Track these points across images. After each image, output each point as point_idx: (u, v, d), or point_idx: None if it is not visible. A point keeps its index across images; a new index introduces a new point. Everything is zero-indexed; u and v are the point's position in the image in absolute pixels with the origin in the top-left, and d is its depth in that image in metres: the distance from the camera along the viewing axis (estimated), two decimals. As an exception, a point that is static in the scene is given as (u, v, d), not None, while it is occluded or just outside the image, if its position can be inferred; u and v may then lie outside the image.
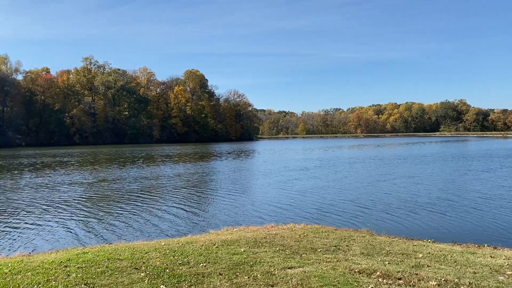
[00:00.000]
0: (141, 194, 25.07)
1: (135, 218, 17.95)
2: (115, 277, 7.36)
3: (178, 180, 32.03)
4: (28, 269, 8.23)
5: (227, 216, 18.19)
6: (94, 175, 36.55)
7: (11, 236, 14.94)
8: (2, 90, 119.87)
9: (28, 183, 30.67)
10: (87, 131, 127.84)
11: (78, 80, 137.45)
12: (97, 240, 14.20)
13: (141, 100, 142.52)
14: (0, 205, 21.49)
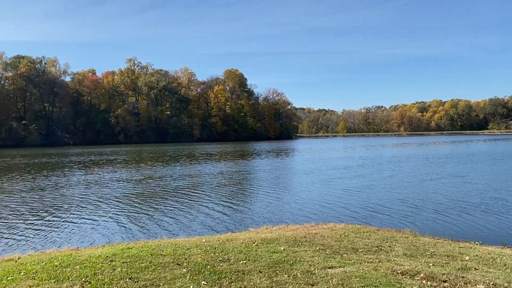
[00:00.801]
0: (183, 191, 25.58)
1: (177, 214, 18.34)
2: (158, 272, 7.57)
3: (219, 178, 32.43)
4: (76, 263, 8.61)
5: (267, 215, 18.23)
6: (139, 172, 37.67)
7: (61, 231, 15.67)
8: (51, 92, 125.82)
9: (78, 180, 32.02)
10: (131, 130, 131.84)
11: (123, 81, 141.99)
12: (140, 235, 14.62)
13: (182, 100, 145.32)
14: (53, 201, 22.58)
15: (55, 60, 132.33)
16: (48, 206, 20.81)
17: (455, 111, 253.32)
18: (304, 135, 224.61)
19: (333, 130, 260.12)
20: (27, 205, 21.25)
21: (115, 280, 7.11)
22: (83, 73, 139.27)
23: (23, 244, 13.77)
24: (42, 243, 13.85)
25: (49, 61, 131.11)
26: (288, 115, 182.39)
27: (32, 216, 18.37)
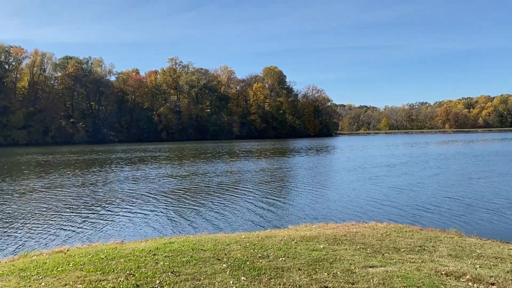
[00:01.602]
0: (223, 188, 25.91)
1: (217, 210, 18.60)
2: (199, 267, 7.72)
3: (258, 175, 32.58)
4: (121, 256, 8.93)
5: (306, 212, 18.14)
6: (181, 169, 38.48)
7: (107, 225, 16.29)
8: (97, 91, 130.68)
9: (124, 176, 33.08)
10: (173, 128, 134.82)
11: (165, 80, 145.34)
12: (182, 230, 14.96)
13: (222, 98, 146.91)
14: (100, 196, 23.49)
15: (100, 60, 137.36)
16: (96, 201, 21.68)
17: (505, 107, 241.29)
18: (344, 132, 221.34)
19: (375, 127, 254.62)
20: (77, 199, 22.23)
21: (157, 274, 7.32)
22: (127, 72, 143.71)
23: (72, 236, 14.43)
24: (89, 236, 14.46)
25: (95, 61, 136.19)
26: (328, 112, 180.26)
27: (81, 210, 19.20)
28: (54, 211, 19.06)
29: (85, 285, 6.83)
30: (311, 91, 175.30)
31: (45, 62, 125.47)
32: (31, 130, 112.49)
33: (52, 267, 8.28)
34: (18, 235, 14.67)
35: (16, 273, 8.02)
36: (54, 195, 23.65)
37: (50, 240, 14.04)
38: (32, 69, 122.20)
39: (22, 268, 8.39)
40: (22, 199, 22.50)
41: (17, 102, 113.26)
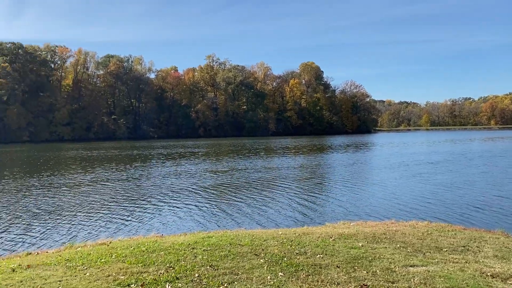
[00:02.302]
0: (260, 184, 26.01)
1: (254, 206, 18.69)
2: (237, 261, 7.79)
3: (295, 172, 32.46)
4: (161, 249, 9.14)
5: (344, 210, 17.91)
6: (220, 164, 38.93)
7: (148, 218, 16.72)
8: (138, 88, 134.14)
9: (166, 171, 33.82)
10: (210, 125, 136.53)
11: (202, 77, 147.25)
12: (219, 225, 15.15)
13: (258, 94, 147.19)
14: (142, 190, 24.15)
15: (140, 58, 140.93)
16: (138, 195, 22.29)
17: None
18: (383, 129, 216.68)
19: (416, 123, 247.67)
20: (120, 193, 22.95)
21: (196, 267, 7.45)
22: (166, 70, 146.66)
23: (115, 229, 14.91)
24: (131, 229, 14.89)
25: (136, 59, 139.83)
26: (367, 108, 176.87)
27: (123, 204, 19.81)
28: (99, 204, 19.76)
29: (127, 276, 7.04)
30: (349, 86, 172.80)
31: (88, 60, 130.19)
32: (75, 127, 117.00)
33: (96, 258, 8.60)
34: (65, 227, 15.31)
35: (63, 263, 8.38)
36: (99, 189, 24.52)
37: (94, 232, 14.57)
38: (76, 68, 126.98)
39: (68, 259, 8.76)
40: (70, 192, 23.47)
41: (62, 100, 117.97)
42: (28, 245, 12.99)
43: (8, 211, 18.20)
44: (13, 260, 9.57)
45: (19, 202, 20.27)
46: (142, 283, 6.62)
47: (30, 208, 18.90)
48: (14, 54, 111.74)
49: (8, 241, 13.52)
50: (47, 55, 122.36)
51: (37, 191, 23.87)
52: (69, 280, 7.04)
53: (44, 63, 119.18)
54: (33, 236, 14.10)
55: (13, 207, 19.18)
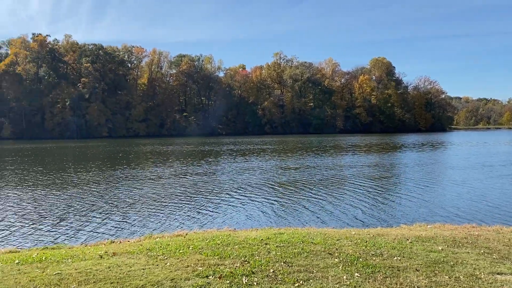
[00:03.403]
0: (330, 182, 25.68)
1: (324, 204, 18.50)
2: (311, 259, 7.76)
3: (366, 170, 31.63)
4: (235, 243, 9.36)
5: (418, 211, 17.16)
6: (289, 162, 38.98)
7: (222, 212, 17.19)
8: (207, 86, 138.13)
9: (237, 167, 34.53)
10: (276, 122, 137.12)
11: (269, 75, 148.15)
12: (289, 222, 15.17)
13: (326, 91, 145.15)
14: (215, 184, 24.89)
15: (210, 58, 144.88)
16: (210, 189, 22.99)
17: None
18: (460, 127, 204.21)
19: (496, 121, 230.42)
20: (194, 187, 23.81)
21: (271, 263, 7.53)
22: (235, 68, 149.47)
23: (189, 221, 15.50)
24: (205, 222, 15.41)
25: (206, 58, 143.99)
26: (442, 105, 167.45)
27: (197, 197, 20.53)
28: (174, 197, 20.66)
29: (205, 268, 7.30)
30: (422, 82, 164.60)
31: (162, 60, 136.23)
32: (150, 123, 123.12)
33: (175, 249, 9.00)
34: (143, 218, 16.19)
35: (144, 252, 8.88)
36: (174, 183, 25.63)
37: (170, 223, 15.27)
38: (151, 67, 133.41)
39: (149, 248, 9.26)
40: (148, 185, 24.78)
41: (138, 98, 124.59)
42: (111, 233, 13.90)
43: (92, 202, 19.60)
44: (99, 247, 10.30)
45: (102, 194, 21.75)
46: (219, 275, 6.82)
47: (112, 199, 20.21)
48: (95, 55, 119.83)
49: (93, 230, 14.56)
50: (125, 56, 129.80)
51: (118, 183, 25.47)
52: (151, 268, 7.44)
53: (121, 63, 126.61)
54: (114, 226, 15.07)
55: (96, 198, 20.63)
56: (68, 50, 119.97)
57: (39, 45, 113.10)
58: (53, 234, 13.96)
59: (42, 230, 14.53)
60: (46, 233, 14.10)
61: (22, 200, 19.93)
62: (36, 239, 13.45)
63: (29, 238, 13.61)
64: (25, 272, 7.59)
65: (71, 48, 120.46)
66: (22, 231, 14.37)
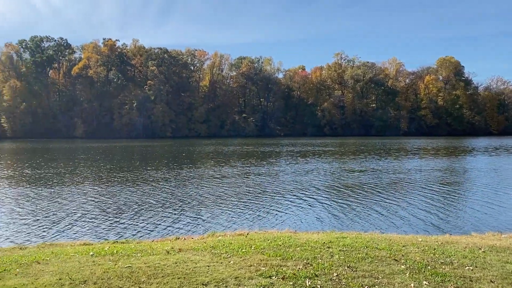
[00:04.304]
0: (394, 186, 24.85)
1: (387, 209, 17.93)
2: (375, 265, 7.56)
3: (434, 175, 30.23)
4: (297, 245, 9.34)
5: (489, 220, 16.12)
6: (351, 164, 38.22)
7: (280, 213, 17.21)
8: (266, 88, 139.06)
9: (298, 168, 34.48)
10: (336, 123, 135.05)
11: (329, 75, 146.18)
12: (350, 226, 14.88)
13: (389, 92, 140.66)
14: (274, 185, 25.01)
15: (270, 59, 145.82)
16: (271, 190, 23.09)
17: None
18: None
19: None
20: (254, 187, 24.04)
21: (334, 266, 7.43)
22: (294, 69, 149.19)
23: (249, 221, 15.67)
24: (265, 222, 15.50)
25: (265, 60, 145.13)
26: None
27: (257, 198, 20.70)
28: (235, 196, 21.00)
29: (268, 268, 7.35)
30: (495, 82, 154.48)
31: (223, 62, 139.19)
32: (210, 124, 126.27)
33: (237, 248, 9.16)
34: (206, 216, 16.62)
35: (208, 250, 9.12)
36: (236, 182, 26.05)
37: (231, 222, 15.55)
38: (212, 70, 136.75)
39: (212, 246, 9.50)
40: (210, 183, 25.40)
41: (200, 99, 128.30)
42: (175, 230, 14.41)
43: (158, 199, 20.44)
44: (166, 243, 10.73)
45: (167, 192, 22.61)
46: (282, 276, 6.84)
47: (176, 197, 20.95)
48: (161, 58, 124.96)
49: (159, 226, 15.18)
50: (188, 59, 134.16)
51: (182, 182, 26.36)
52: (216, 266, 7.62)
53: (185, 65, 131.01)
54: (179, 222, 15.60)
55: (162, 196, 21.47)
56: (136, 54, 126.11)
57: (109, 49, 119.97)
58: (122, 229, 14.73)
59: (112, 224, 15.38)
60: (115, 228, 14.92)
61: (94, 196, 21.22)
62: (106, 233, 14.27)
63: (100, 231, 14.46)
64: (99, 263, 8.08)
65: (138, 52, 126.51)
66: (93, 225, 15.30)
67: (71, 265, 7.97)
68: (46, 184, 25.39)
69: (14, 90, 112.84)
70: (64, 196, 21.15)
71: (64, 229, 14.73)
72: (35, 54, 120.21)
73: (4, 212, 17.53)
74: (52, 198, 20.47)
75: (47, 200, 19.95)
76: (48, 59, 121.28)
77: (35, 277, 7.21)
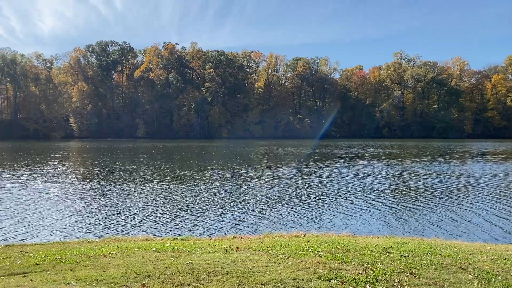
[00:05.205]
0: (458, 190, 23.60)
1: (451, 215, 17.05)
2: (440, 272, 7.24)
3: (502, 180, 28.39)
4: (355, 249, 9.16)
5: None
6: (411, 167, 36.84)
7: (337, 216, 16.89)
8: (322, 88, 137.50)
9: (356, 170, 33.79)
10: (395, 125, 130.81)
11: (389, 75, 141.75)
12: (410, 231, 14.32)
13: (452, 92, 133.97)
14: (333, 188, 24.70)
15: (326, 59, 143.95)
16: (329, 192, 22.81)
17: None
18: None
19: None
20: (312, 189, 23.88)
21: (395, 272, 7.20)
22: (351, 69, 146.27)
23: (305, 223, 15.56)
24: (321, 224, 15.32)
25: (321, 60, 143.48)
26: None
27: (315, 199, 20.53)
28: (292, 197, 20.95)
29: (326, 271, 7.27)
30: None
31: (278, 64, 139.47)
32: (265, 125, 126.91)
33: (294, 249, 9.14)
34: (262, 216, 16.70)
35: (266, 250, 9.17)
36: (293, 184, 26.00)
37: (287, 223, 15.54)
38: (267, 71, 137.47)
39: (269, 246, 9.55)
40: (267, 184, 25.58)
41: (255, 101, 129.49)
42: (232, 229, 14.63)
43: (216, 198, 20.85)
44: (223, 241, 10.93)
45: (225, 191, 23.01)
46: (342, 280, 6.74)
47: (234, 196, 21.25)
48: (218, 61, 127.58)
49: (216, 224, 15.48)
50: (244, 61, 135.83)
51: (239, 181, 26.74)
52: (273, 266, 7.65)
53: (241, 67, 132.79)
54: (235, 221, 15.80)
55: (220, 194, 21.88)
56: (194, 57, 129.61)
57: (169, 52, 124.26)
58: (181, 226, 15.19)
59: (172, 221, 15.89)
60: (175, 224, 15.40)
61: (155, 194, 22.06)
62: (166, 229, 14.77)
63: (161, 228, 14.99)
64: (161, 259, 8.40)
65: (196, 55, 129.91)
66: (154, 221, 15.90)
67: (136, 260, 8.34)
68: (112, 181, 26.78)
69: (82, 92, 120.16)
70: (127, 193, 22.18)
71: (126, 224, 15.44)
72: (101, 58, 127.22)
73: (73, 207, 18.70)
74: (117, 195, 21.54)
75: (112, 197, 21.03)
76: (113, 63, 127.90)
77: (102, 269, 7.62)
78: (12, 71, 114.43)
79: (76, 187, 24.51)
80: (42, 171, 32.32)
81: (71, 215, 16.92)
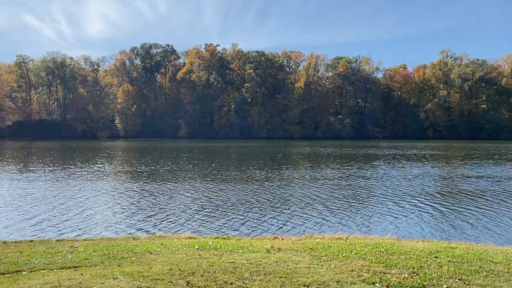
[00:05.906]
0: (507, 194, 22.52)
1: (502, 220, 16.29)
2: (491, 279, 6.95)
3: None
4: (401, 252, 8.94)
5: None
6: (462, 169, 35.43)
7: (381, 218, 16.56)
8: (364, 88, 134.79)
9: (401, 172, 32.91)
10: (440, 125, 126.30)
11: (434, 74, 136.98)
12: (457, 235, 13.81)
13: (503, 92, 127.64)
14: (377, 190, 24.22)
15: (368, 59, 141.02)
16: (372, 194, 22.38)
17: None
18: None
19: None
20: (355, 191, 23.51)
21: (443, 278, 6.97)
22: (394, 68, 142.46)
23: (348, 225, 15.33)
24: (364, 227, 15.05)
25: (363, 59, 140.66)
26: None
27: (358, 201, 20.20)
28: (335, 199, 20.73)
29: (370, 274, 7.14)
30: None
31: (319, 63, 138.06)
32: (305, 126, 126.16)
33: (337, 251, 9.04)
34: (303, 217, 16.61)
35: (308, 251, 9.13)
36: (336, 185, 25.69)
37: (329, 224, 15.38)
38: (308, 71, 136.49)
39: (311, 248, 9.50)
40: (309, 185, 25.43)
41: (294, 101, 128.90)
42: (273, 229, 14.64)
43: (257, 198, 20.94)
44: (265, 241, 10.97)
45: (266, 191, 23.06)
46: (387, 284, 6.60)
47: (275, 196, 21.27)
48: (258, 61, 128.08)
49: (257, 223, 15.54)
50: (284, 61, 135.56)
51: (280, 182, 26.75)
52: (316, 268, 7.61)
53: (281, 68, 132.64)
54: (276, 222, 15.80)
55: (261, 194, 21.96)
56: (234, 58, 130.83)
57: (210, 54, 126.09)
58: (222, 225, 15.37)
59: (214, 220, 16.12)
60: (217, 223, 15.61)
61: (197, 193, 22.46)
62: (208, 227, 15.00)
63: (203, 226, 15.24)
64: (204, 257, 8.55)
65: (237, 56, 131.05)
66: (197, 219, 16.18)
67: (180, 257, 8.54)
68: (158, 179, 27.53)
69: (127, 93, 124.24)
70: (172, 191, 22.72)
71: (171, 222, 15.81)
72: (145, 60, 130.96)
73: (122, 204, 19.37)
74: (163, 193, 22.10)
75: (158, 195, 21.60)
76: (156, 65, 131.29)
77: (148, 266, 7.86)
78: (62, 74, 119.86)
79: (124, 185, 25.39)
80: (91, 169, 33.70)
81: (119, 212, 17.54)
